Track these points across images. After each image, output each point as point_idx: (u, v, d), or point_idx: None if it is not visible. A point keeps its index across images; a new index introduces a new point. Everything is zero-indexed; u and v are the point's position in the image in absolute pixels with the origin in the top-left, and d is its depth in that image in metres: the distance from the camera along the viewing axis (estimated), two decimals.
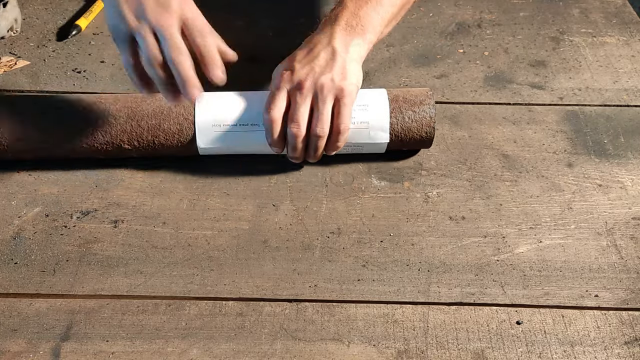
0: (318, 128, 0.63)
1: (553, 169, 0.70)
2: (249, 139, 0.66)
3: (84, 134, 0.66)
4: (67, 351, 0.54)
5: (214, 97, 0.67)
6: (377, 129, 0.67)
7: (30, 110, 0.66)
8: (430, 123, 0.67)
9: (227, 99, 0.67)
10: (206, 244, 0.62)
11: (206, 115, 0.66)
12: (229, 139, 0.66)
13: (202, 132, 0.66)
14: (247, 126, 0.66)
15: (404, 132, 0.67)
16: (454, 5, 0.96)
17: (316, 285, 0.59)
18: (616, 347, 0.55)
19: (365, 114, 0.66)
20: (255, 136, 0.66)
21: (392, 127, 0.67)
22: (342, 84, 0.63)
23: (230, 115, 0.66)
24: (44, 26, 0.89)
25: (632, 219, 0.65)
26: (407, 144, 0.68)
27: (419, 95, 0.68)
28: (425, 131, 0.67)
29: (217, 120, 0.66)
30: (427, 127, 0.67)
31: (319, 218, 0.65)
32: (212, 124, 0.66)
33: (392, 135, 0.67)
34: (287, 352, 0.54)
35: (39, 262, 0.60)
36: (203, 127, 0.66)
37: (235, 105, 0.66)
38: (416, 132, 0.67)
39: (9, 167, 0.69)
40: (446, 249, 0.62)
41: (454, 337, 0.55)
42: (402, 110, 0.67)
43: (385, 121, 0.66)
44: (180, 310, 0.57)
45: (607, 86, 0.81)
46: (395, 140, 0.68)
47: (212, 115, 0.66)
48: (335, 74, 0.63)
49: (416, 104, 0.67)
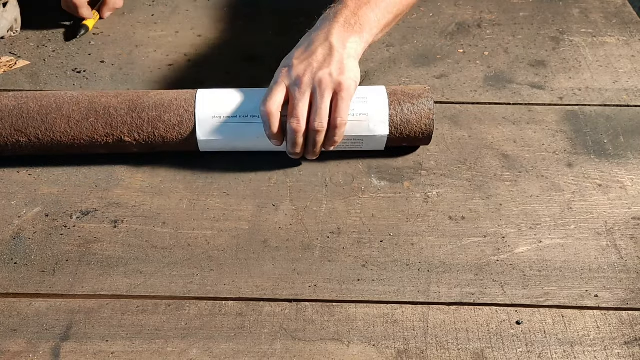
0: (317, 123, 0.64)
1: (553, 169, 0.70)
2: (248, 131, 0.66)
3: (84, 126, 0.66)
4: (67, 351, 0.54)
5: (214, 91, 0.68)
6: (376, 121, 0.67)
7: (30, 104, 0.66)
8: (430, 115, 0.67)
9: (228, 93, 0.68)
10: (206, 244, 0.62)
11: (206, 107, 0.66)
12: (228, 130, 0.66)
13: (202, 124, 0.66)
14: (247, 117, 0.66)
15: (404, 124, 0.67)
16: (454, 5, 0.96)
17: (316, 285, 0.59)
18: (616, 347, 0.55)
19: (365, 106, 0.67)
20: (254, 128, 0.66)
21: (391, 119, 0.67)
22: (340, 78, 0.63)
23: (230, 107, 0.66)
24: (44, 26, 0.89)
25: (632, 219, 0.65)
26: (406, 138, 0.68)
27: (417, 90, 0.69)
28: (424, 123, 0.68)
29: (217, 112, 0.66)
30: (426, 119, 0.67)
31: (319, 218, 0.65)
32: (212, 116, 0.66)
33: (392, 127, 0.67)
34: (287, 352, 0.54)
35: (38, 262, 0.60)
36: (203, 119, 0.66)
37: (236, 98, 0.67)
38: (415, 125, 0.68)
39: (9, 167, 0.69)
40: (446, 249, 0.62)
41: (454, 337, 0.55)
42: (401, 103, 0.68)
43: (385, 113, 0.67)
44: (180, 310, 0.57)
45: (607, 86, 0.81)
46: (395, 133, 0.68)
47: (212, 108, 0.66)
48: (333, 69, 0.64)
49: (414, 97, 0.68)
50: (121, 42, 0.87)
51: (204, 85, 0.70)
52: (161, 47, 0.86)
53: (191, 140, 0.67)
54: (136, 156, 0.69)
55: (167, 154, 0.70)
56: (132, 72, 0.82)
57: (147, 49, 0.86)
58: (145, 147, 0.67)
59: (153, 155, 0.70)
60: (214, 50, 0.86)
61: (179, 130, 0.66)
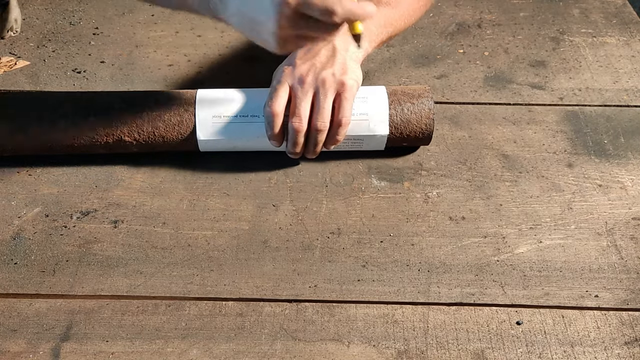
0: (319, 122, 0.64)
1: (553, 169, 0.70)
2: (248, 131, 0.66)
3: (84, 126, 0.66)
4: (67, 351, 0.54)
5: (214, 91, 0.68)
6: (376, 120, 0.67)
7: (30, 104, 0.66)
8: (430, 115, 0.67)
9: (228, 93, 0.68)
10: (206, 244, 0.62)
11: (206, 107, 0.67)
12: (228, 130, 0.66)
13: (202, 123, 0.66)
14: (247, 117, 0.66)
15: (404, 124, 0.67)
16: (454, 5, 0.96)
17: (316, 286, 0.59)
18: (616, 347, 0.55)
19: (365, 105, 0.67)
20: (254, 127, 0.66)
21: (391, 119, 0.67)
22: (343, 78, 0.64)
23: (230, 107, 0.67)
24: (44, 26, 0.90)
25: (632, 219, 0.65)
26: (407, 138, 0.68)
27: (417, 90, 0.69)
28: (424, 123, 0.68)
29: (217, 112, 0.66)
30: (426, 119, 0.67)
31: (319, 218, 0.65)
32: (212, 115, 0.66)
33: (392, 127, 0.67)
34: (287, 353, 0.54)
35: (38, 262, 0.60)
36: (203, 119, 0.66)
37: (236, 98, 0.67)
38: (415, 124, 0.68)
39: (9, 167, 0.69)
40: (446, 249, 0.62)
41: (454, 338, 0.55)
42: (401, 102, 0.68)
43: (385, 112, 0.67)
44: (180, 310, 0.57)
45: (607, 86, 0.81)
46: (395, 133, 0.68)
47: (213, 108, 0.67)
48: (336, 69, 0.64)
49: (415, 97, 0.68)
50: (121, 42, 0.87)
51: (204, 85, 0.71)
52: (161, 47, 0.86)
53: (191, 140, 0.67)
54: (136, 156, 0.69)
55: (167, 154, 0.70)
56: (132, 72, 0.82)
57: (147, 49, 0.86)
58: (145, 146, 0.67)
59: (153, 155, 0.70)
60: (214, 50, 0.86)
61: (179, 130, 0.66)
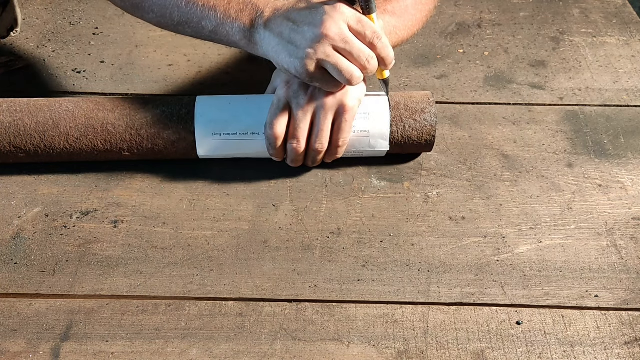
0: (317, 144, 0.64)
1: (553, 169, 0.70)
2: (249, 147, 0.66)
3: (83, 143, 0.65)
4: (67, 351, 0.54)
5: (213, 104, 0.66)
6: (377, 137, 0.66)
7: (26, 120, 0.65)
8: (431, 132, 0.67)
9: (227, 107, 0.66)
10: (206, 244, 0.62)
11: (206, 124, 0.65)
12: (229, 147, 0.66)
13: (202, 141, 0.65)
14: (247, 135, 0.66)
15: (404, 139, 0.67)
16: (454, 5, 0.96)
17: (316, 286, 0.59)
18: (616, 347, 0.55)
19: (366, 122, 0.66)
20: (255, 144, 0.66)
21: (392, 136, 0.67)
22: (343, 99, 0.63)
23: (230, 124, 0.65)
24: (44, 26, 0.90)
25: (632, 219, 0.65)
26: (407, 150, 0.69)
27: (420, 103, 0.68)
28: (425, 139, 0.67)
29: (217, 129, 0.65)
30: (427, 135, 0.67)
31: (319, 218, 0.65)
32: (212, 133, 0.65)
33: (392, 142, 0.67)
34: (287, 353, 0.54)
35: (38, 262, 0.60)
36: (203, 137, 0.65)
37: (235, 112, 0.66)
38: (416, 140, 0.67)
39: (9, 167, 0.69)
40: (446, 249, 0.62)
41: (454, 338, 0.55)
42: (403, 119, 0.67)
43: (386, 130, 0.66)
44: (180, 310, 0.57)
45: (607, 86, 0.81)
46: (395, 147, 0.68)
47: (212, 125, 0.65)
48: None
49: (417, 112, 0.67)
50: (121, 42, 0.87)
51: (204, 85, 0.71)
52: (161, 47, 0.86)
53: (191, 154, 0.67)
54: None
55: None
56: (132, 72, 0.82)
57: (147, 49, 0.86)
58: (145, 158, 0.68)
59: None
60: (214, 50, 0.85)
61: (178, 147, 0.66)
